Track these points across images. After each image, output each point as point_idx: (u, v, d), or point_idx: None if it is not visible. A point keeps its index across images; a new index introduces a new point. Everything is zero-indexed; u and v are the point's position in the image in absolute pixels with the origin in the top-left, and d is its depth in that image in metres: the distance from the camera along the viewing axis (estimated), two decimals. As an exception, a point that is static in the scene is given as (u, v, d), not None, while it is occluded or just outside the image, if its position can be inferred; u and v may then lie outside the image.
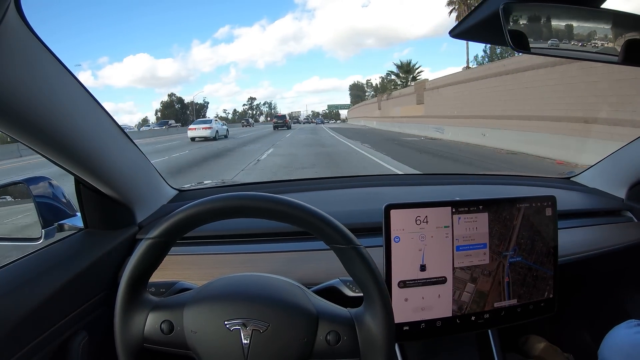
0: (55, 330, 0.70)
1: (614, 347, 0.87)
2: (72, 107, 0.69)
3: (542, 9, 0.67)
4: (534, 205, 0.84)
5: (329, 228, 0.56)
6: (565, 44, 0.67)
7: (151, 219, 0.99)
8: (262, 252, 0.93)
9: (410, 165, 8.47)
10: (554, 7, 0.66)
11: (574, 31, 0.67)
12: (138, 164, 0.94)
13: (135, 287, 0.58)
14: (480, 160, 9.13)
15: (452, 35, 0.74)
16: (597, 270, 1.12)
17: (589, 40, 0.67)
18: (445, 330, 0.80)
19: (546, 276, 0.85)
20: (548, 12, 0.67)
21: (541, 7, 0.67)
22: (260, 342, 0.55)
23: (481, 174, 1.62)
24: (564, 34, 0.68)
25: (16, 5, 0.52)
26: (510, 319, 0.83)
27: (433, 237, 0.78)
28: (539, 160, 9.02)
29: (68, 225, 0.86)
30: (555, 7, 0.66)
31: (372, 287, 0.56)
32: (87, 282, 0.79)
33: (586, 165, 1.33)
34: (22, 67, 0.56)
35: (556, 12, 0.67)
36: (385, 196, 1.18)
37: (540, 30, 0.68)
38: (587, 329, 1.24)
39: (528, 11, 0.67)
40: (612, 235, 1.09)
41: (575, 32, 0.67)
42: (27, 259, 0.75)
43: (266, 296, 0.59)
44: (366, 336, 0.56)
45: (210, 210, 0.56)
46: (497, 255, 0.81)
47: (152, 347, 0.58)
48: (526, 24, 0.67)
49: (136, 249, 0.57)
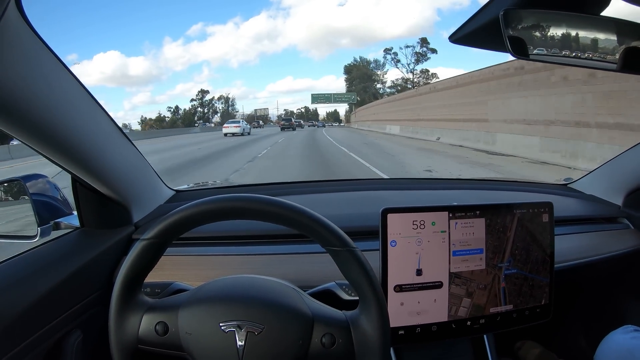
0: (50, 329, 0.70)
1: (610, 353, 0.87)
2: (71, 105, 0.69)
3: (542, 16, 0.67)
4: (531, 211, 0.84)
5: (324, 230, 0.56)
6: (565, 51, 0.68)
7: (148, 219, 0.99)
8: (258, 254, 0.92)
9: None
10: (554, 14, 0.67)
11: (573, 38, 0.68)
12: (135, 163, 0.94)
13: (131, 287, 0.57)
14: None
15: (451, 41, 0.74)
16: (593, 276, 1.13)
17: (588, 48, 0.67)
18: (441, 334, 0.80)
19: (542, 284, 0.85)
20: (548, 19, 0.67)
21: (541, 14, 0.67)
22: (255, 344, 0.55)
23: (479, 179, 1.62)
24: (563, 41, 0.68)
25: (16, 3, 0.52)
26: (505, 324, 0.83)
27: (430, 241, 0.78)
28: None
29: (64, 224, 0.86)
30: (555, 14, 0.67)
31: (367, 290, 0.56)
32: (83, 281, 0.79)
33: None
34: (21, 64, 0.55)
35: (556, 19, 0.67)
36: (382, 200, 1.18)
37: (540, 37, 0.68)
38: (583, 335, 1.24)
39: (528, 18, 0.67)
40: (609, 242, 1.09)
41: (574, 39, 0.68)
42: (22, 257, 0.75)
43: (261, 298, 0.59)
44: (361, 339, 0.56)
45: (207, 211, 0.56)
46: (492, 269, 0.81)
47: (146, 349, 0.57)
48: (526, 30, 0.67)
49: (131, 250, 0.57)
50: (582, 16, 0.66)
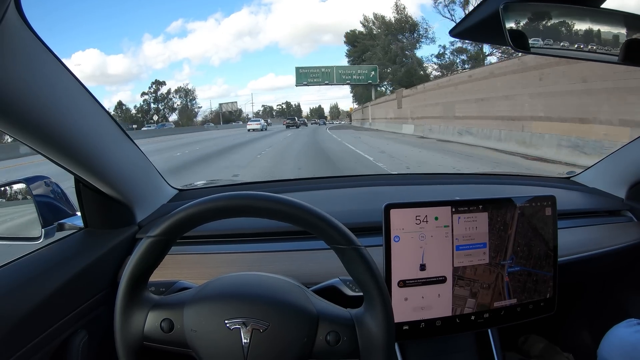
0: (56, 329, 0.70)
1: (614, 346, 0.87)
2: (72, 106, 0.69)
3: (542, 9, 0.67)
4: (534, 204, 0.84)
5: (330, 228, 0.56)
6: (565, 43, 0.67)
7: (151, 218, 0.99)
8: (262, 251, 0.93)
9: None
10: (554, 7, 0.66)
11: (573, 31, 0.67)
12: (138, 163, 0.95)
13: (136, 285, 0.58)
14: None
15: (452, 35, 0.74)
16: (597, 269, 1.13)
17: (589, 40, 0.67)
18: (445, 329, 0.80)
19: (546, 278, 0.85)
20: (548, 12, 0.67)
21: (541, 6, 0.67)
22: (260, 342, 0.55)
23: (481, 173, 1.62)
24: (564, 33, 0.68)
25: (16, 4, 0.52)
26: (510, 318, 0.83)
27: (433, 236, 0.78)
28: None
29: (68, 225, 0.86)
30: (555, 7, 0.66)
31: (372, 288, 0.56)
32: (87, 282, 0.79)
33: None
34: (22, 66, 0.56)
35: (556, 11, 0.67)
36: (385, 196, 1.18)
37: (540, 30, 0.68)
38: (587, 328, 1.24)
39: (528, 11, 0.67)
40: (612, 235, 1.09)
41: (575, 31, 0.67)
42: (27, 259, 0.75)
43: (267, 296, 0.59)
44: (366, 337, 0.56)
45: (211, 209, 0.56)
46: (494, 267, 0.81)
47: (152, 346, 0.58)
48: (526, 23, 0.67)
49: (137, 247, 0.57)
50: (582, 8, 0.65)
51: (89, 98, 0.73)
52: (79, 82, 0.70)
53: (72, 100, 0.69)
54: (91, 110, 0.75)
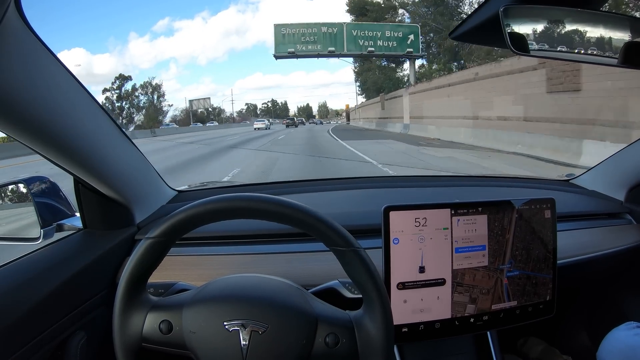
0: (54, 330, 0.70)
1: (613, 349, 0.86)
2: (72, 107, 0.69)
3: (542, 12, 0.67)
4: (533, 207, 0.83)
5: (329, 230, 0.56)
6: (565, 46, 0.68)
7: (150, 219, 0.99)
8: (261, 253, 0.93)
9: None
10: (554, 10, 0.67)
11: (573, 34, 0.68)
12: (137, 164, 0.94)
13: (135, 286, 0.58)
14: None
15: (452, 37, 0.74)
16: (596, 272, 1.12)
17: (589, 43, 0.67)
18: (444, 331, 0.80)
19: (545, 280, 0.85)
20: (548, 15, 0.67)
21: (541, 9, 0.67)
22: (259, 343, 0.55)
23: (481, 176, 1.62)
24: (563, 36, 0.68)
25: (16, 5, 0.52)
26: (509, 320, 0.83)
27: (432, 238, 0.78)
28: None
29: (67, 226, 0.86)
30: (555, 10, 0.67)
31: (371, 290, 0.56)
32: (86, 282, 0.79)
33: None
34: (22, 66, 0.56)
35: (556, 14, 0.67)
36: (384, 198, 1.18)
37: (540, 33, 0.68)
38: (586, 331, 1.24)
39: (528, 14, 0.67)
40: (611, 237, 1.09)
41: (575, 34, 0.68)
42: (25, 259, 0.75)
43: (266, 297, 0.59)
44: (365, 339, 0.56)
45: (211, 210, 0.56)
46: (493, 272, 0.81)
47: (150, 347, 0.58)
48: (526, 26, 0.67)
49: (136, 248, 0.57)
50: (582, 11, 0.66)
51: (88, 99, 0.73)
52: (78, 82, 0.70)
53: (72, 101, 0.69)
54: (91, 111, 0.75)
